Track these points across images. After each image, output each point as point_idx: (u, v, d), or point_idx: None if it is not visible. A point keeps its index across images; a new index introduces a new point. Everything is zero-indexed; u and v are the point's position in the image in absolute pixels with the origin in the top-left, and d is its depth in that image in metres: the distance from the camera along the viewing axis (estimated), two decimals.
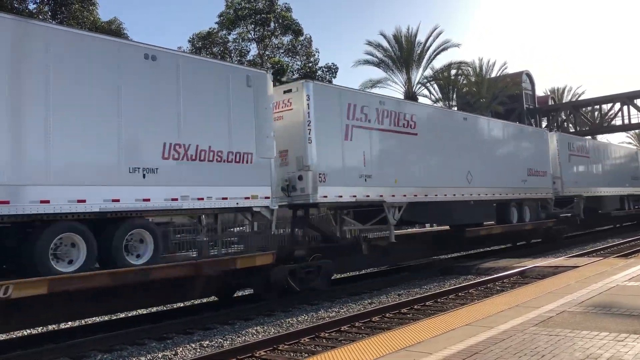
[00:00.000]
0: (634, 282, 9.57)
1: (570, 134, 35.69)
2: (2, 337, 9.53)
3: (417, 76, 39.29)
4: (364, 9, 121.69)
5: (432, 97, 42.14)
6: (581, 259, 16.46)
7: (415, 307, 11.07)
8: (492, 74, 44.41)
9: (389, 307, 10.83)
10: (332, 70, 36.68)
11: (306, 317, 10.71)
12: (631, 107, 47.26)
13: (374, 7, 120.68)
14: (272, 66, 33.67)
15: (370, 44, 38.64)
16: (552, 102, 59.68)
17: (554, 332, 6.15)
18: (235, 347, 8.11)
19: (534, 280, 13.03)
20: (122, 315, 11.31)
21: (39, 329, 10.16)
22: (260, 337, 9.11)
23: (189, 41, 35.42)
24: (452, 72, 42.10)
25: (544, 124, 52.23)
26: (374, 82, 38.83)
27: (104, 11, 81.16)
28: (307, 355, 7.58)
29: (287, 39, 36.68)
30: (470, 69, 43.68)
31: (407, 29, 38.75)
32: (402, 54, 38.14)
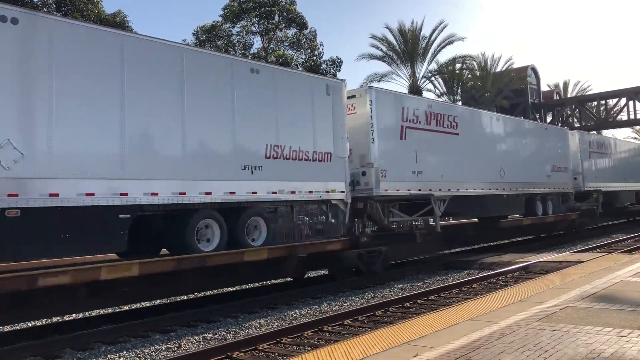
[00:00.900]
0: (638, 278, 9.54)
1: (575, 129, 35.81)
2: (7, 329, 9.58)
3: (421, 70, 39.19)
4: (368, 2, 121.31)
5: (437, 91, 42.01)
6: (585, 254, 16.43)
7: (418, 301, 11.08)
8: (497, 69, 44.21)
9: (392, 301, 10.85)
10: (336, 63, 36.63)
11: (309, 311, 10.73)
12: (637, 102, 47.00)
13: (377, 0, 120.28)
14: (276, 59, 33.61)
15: (374, 37, 38.55)
16: (557, 97, 59.40)
17: (557, 328, 6.15)
18: (238, 340, 8.14)
19: (538, 275, 13.02)
20: (125, 307, 11.36)
21: (43, 321, 10.21)
22: (263, 330, 9.15)
23: (193, 34, 35.46)
24: (457, 66, 41.86)
25: (549, 119, 51.99)
26: (379, 76, 38.74)
27: (108, 3, 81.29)
28: (310, 348, 7.60)
29: (291, 32, 36.66)
30: (475, 63, 43.46)
31: (412, 23, 38.72)
32: (407, 47, 37.99)
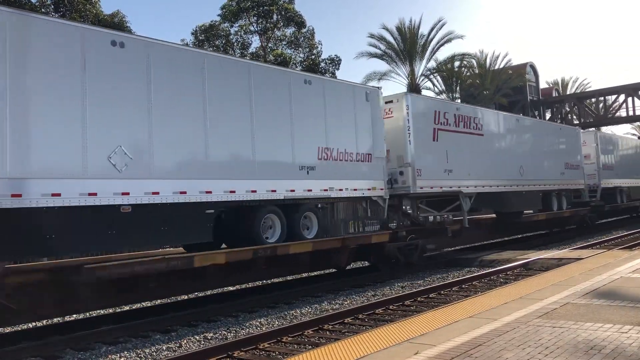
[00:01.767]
0: (638, 274, 9.55)
1: (574, 125, 35.90)
2: (8, 330, 9.58)
3: (420, 68, 39.06)
4: (366, 0, 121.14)
5: (436, 89, 41.94)
6: (585, 250, 16.45)
7: (418, 299, 11.09)
8: (496, 66, 44.15)
9: (392, 299, 10.85)
10: (335, 62, 36.56)
11: (310, 310, 10.74)
12: (636, 98, 47.00)
13: None
14: (274, 58, 33.58)
15: (373, 36, 38.41)
16: (556, 94, 59.37)
17: (558, 324, 6.16)
18: (239, 339, 8.15)
19: (538, 272, 13.02)
20: (126, 307, 11.36)
21: (43, 322, 10.22)
22: (264, 329, 9.15)
23: (192, 33, 35.34)
24: (456, 64, 41.68)
25: (548, 116, 51.97)
26: (378, 75, 38.66)
27: (106, 3, 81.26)
28: (310, 347, 7.60)
29: (289, 31, 36.56)
30: (474, 61, 43.36)
31: (410, 21, 38.55)
32: (406, 46, 37.88)
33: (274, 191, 11.81)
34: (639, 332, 5.65)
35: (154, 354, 8.11)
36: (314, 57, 36.41)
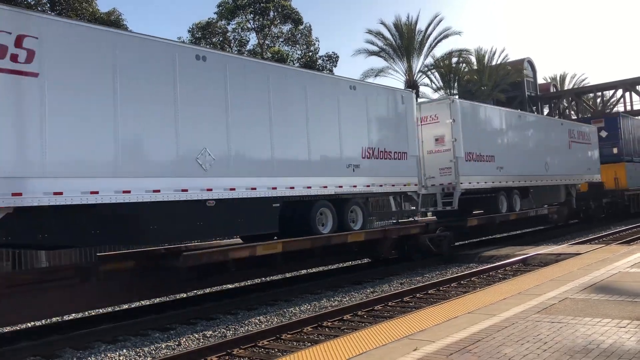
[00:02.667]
0: (636, 269, 9.56)
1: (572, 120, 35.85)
2: (7, 329, 9.57)
3: (418, 65, 39.03)
4: None
5: (434, 85, 41.92)
6: (583, 246, 16.46)
7: (417, 295, 11.10)
8: (494, 62, 44.13)
9: (391, 295, 10.86)
10: (332, 59, 36.50)
11: (309, 307, 10.74)
12: (633, 93, 47.05)
13: None
14: (272, 56, 33.51)
15: (370, 32, 38.38)
16: (554, 90, 59.39)
17: (556, 319, 6.16)
18: (238, 336, 8.15)
19: (536, 267, 13.04)
20: (125, 306, 11.36)
21: (43, 321, 10.20)
22: (263, 326, 9.15)
23: (189, 31, 35.27)
24: (454, 60, 41.64)
25: (546, 112, 51.99)
26: (375, 71, 38.65)
27: (102, 1, 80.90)
28: (310, 344, 7.60)
29: (286, 28, 36.49)
30: (471, 57, 43.35)
31: (407, 17, 38.52)
32: (403, 42, 37.83)
33: (325, 187, 13.03)
34: (637, 327, 5.65)
35: (153, 352, 8.11)
36: (311, 54, 36.37)
